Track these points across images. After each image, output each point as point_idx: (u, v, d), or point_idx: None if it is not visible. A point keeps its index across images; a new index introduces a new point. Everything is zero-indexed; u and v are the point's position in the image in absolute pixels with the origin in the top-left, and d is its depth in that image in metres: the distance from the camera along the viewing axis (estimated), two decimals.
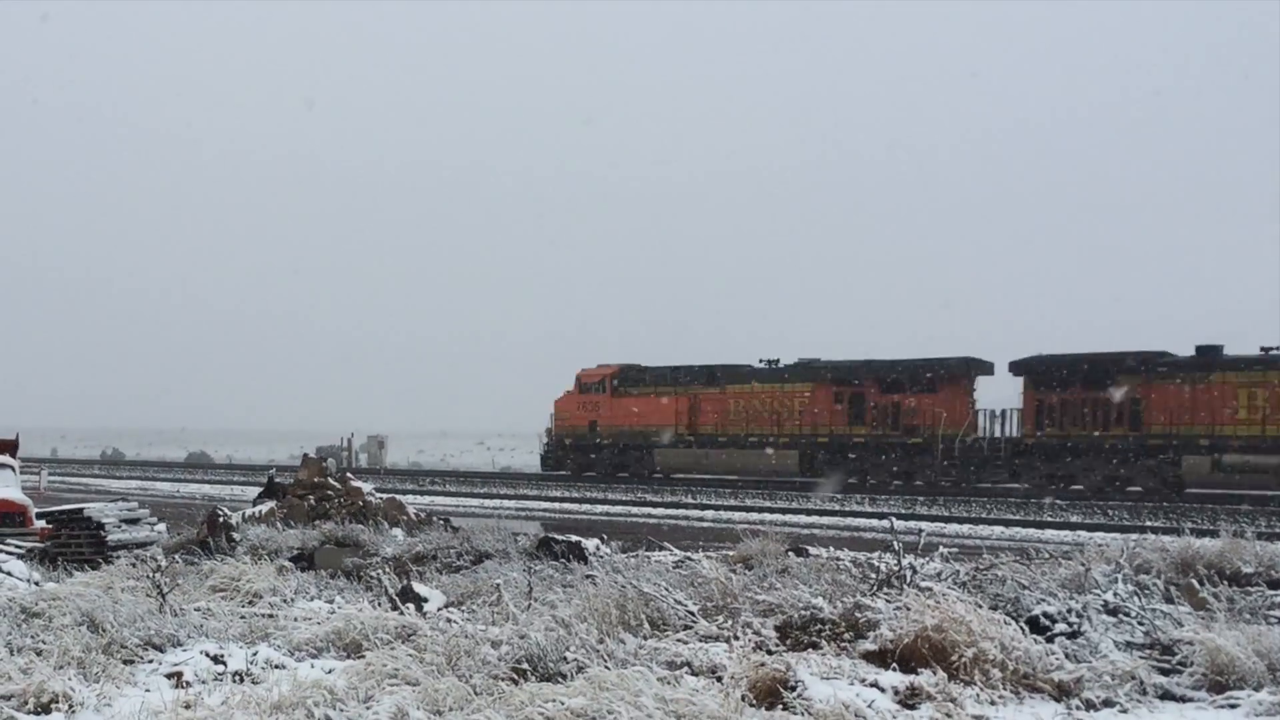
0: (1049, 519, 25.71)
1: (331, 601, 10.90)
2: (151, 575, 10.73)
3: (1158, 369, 32.31)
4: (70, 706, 7.05)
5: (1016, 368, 34.83)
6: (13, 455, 17.14)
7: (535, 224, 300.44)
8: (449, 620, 9.19)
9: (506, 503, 31.13)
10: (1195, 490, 30.70)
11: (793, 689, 6.87)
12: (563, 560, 12.93)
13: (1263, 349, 31.26)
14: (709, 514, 27.85)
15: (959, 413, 35.54)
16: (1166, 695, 7.38)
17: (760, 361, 39.91)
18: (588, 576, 11.04)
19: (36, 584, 11.97)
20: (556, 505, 31.21)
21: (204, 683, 7.71)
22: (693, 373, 41.29)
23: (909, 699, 6.99)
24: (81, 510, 16.97)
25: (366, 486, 19.69)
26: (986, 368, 36.36)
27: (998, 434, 35.42)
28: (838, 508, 28.97)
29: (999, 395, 36.42)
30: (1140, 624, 8.53)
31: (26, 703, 7.07)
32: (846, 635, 8.29)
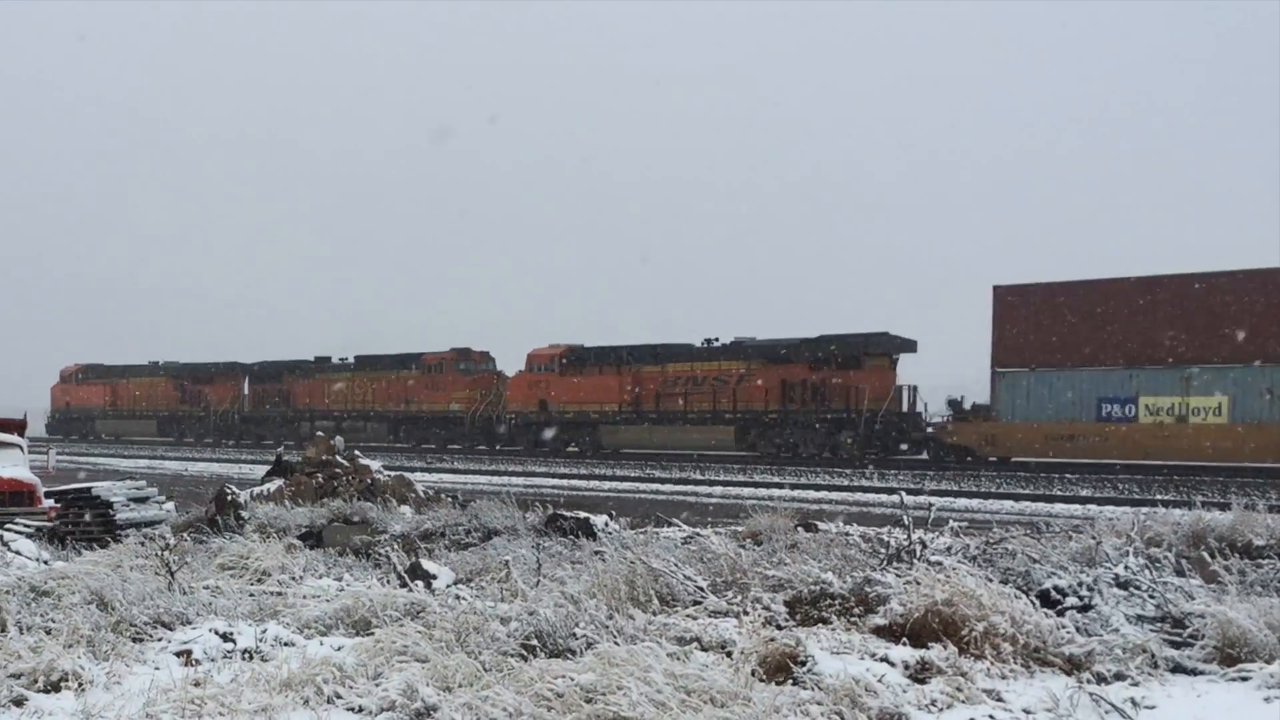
0: (1059, 493, 25.70)
1: (340, 579, 10.89)
2: (160, 554, 10.74)
3: (296, 370, 53.66)
4: (80, 685, 7.03)
5: (245, 370, 56.78)
6: (20, 434, 17.13)
7: (537, 218, 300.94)
8: (458, 597, 9.19)
9: (515, 480, 31.22)
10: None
11: (803, 664, 6.84)
12: (571, 537, 12.93)
13: (340, 359, 52.67)
14: (717, 490, 27.89)
15: (233, 395, 57.22)
16: (1178, 668, 7.35)
17: (151, 362, 62.34)
18: (596, 553, 11.04)
19: (45, 563, 11.99)
20: (565, 482, 31.31)
21: (213, 660, 7.70)
22: (118, 370, 63.49)
23: (919, 673, 6.96)
24: (90, 489, 17.02)
25: (375, 464, 19.72)
26: (251, 369, 56.37)
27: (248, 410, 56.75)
28: (847, 483, 29.02)
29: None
30: (1151, 597, 8.50)
31: (36, 681, 7.06)
32: (856, 610, 8.26)
